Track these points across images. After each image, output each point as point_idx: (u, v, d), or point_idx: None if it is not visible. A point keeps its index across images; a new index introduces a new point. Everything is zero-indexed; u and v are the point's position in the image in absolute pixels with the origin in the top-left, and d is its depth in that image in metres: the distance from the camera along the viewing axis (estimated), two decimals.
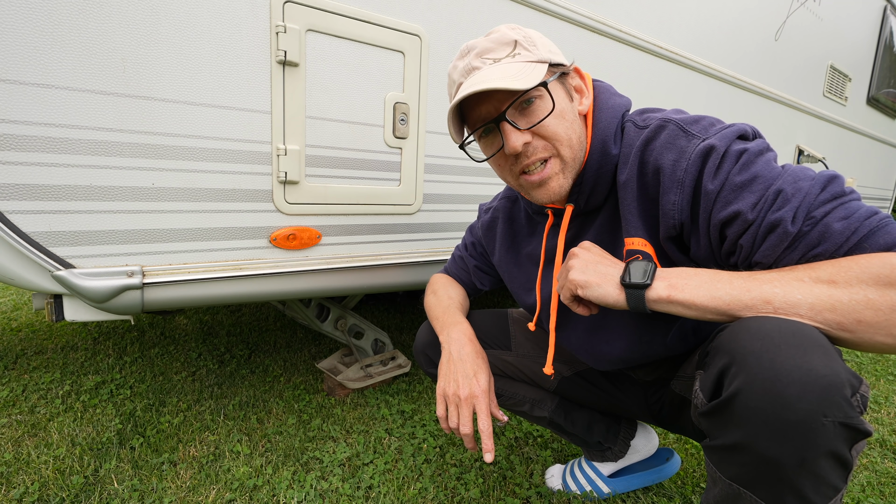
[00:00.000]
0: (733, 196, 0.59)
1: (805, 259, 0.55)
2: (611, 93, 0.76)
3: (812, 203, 0.56)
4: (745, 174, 0.59)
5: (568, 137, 0.69)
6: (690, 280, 0.59)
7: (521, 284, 0.92)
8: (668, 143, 0.65)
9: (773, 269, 0.57)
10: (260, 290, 1.13)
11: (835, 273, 0.52)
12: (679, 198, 0.63)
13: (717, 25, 2.07)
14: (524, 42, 0.69)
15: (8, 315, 2.20)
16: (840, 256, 0.53)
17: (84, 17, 0.86)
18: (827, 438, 0.46)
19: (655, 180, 0.66)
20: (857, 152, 3.37)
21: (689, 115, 0.68)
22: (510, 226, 0.94)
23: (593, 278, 0.65)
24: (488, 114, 0.70)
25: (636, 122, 0.71)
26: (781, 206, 0.56)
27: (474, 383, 0.80)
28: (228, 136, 1.02)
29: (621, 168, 0.70)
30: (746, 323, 0.53)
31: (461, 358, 0.83)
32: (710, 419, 0.55)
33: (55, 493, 1.03)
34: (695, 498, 1.11)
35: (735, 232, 0.59)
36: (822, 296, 0.51)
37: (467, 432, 0.78)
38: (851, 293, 0.50)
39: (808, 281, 0.53)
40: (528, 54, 0.68)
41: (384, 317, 2.35)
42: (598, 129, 0.72)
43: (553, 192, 0.71)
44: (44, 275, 0.92)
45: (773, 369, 0.48)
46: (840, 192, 0.56)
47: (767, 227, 0.57)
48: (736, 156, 0.60)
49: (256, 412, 1.42)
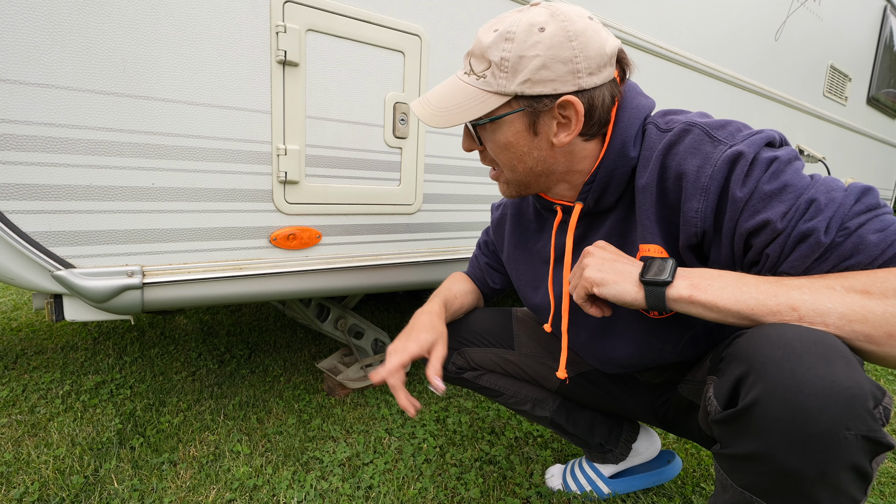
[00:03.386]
0: (762, 205, 0.57)
1: (836, 270, 0.54)
2: (636, 92, 0.73)
3: (846, 214, 0.54)
4: (775, 183, 0.57)
5: (512, 166, 0.73)
6: (714, 281, 0.57)
7: (527, 282, 0.91)
8: (693, 148, 0.62)
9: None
10: (260, 290, 1.13)
11: (869, 284, 0.50)
12: (703, 205, 0.60)
13: (717, 25, 2.07)
14: (504, 66, 0.65)
15: (8, 315, 2.20)
16: (874, 269, 0.52)
17: (84, 17, 0.86)
18: (849, 452, 0.45)
19: (677, 186, 0.64)
20: (857, 152, 3.37)
21: (714, 119, 0.65)
22: (518, 221, 0.93)
23: (610, 276, 0.63)
24: None
25: (658, 125, 0.69)
26: (814, 216, 0.54)
27: (414, 335, 0.82)
28: (228, 135, 1.02)
29: (640, 171, 0.68)
30: (766, 330, 0.52)
31: (413, 322, 0.86)
32: (724, 427, 0.53)
33: (55, 493, 1.03)
34: (695, 498, 1.11)
35: (762, 241, 0.57)
36: (855, 306, 0.50)
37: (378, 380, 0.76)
38: (886, 305, 0.48)
39: (840, 289, 0.51)
40: (493, 82, 0.66)
41: (384, 317, 2.35)
42: (619, 128, 0.69)
43: (503, 193, 0.79)
44: (44, 275, 0.92)
45: (794, 379, 0.46)
46: (875, 205, 0.55)
47: (798, 236, 0.55)
48: (766, 163, 0.58)
49: (256, 412, 1.42)
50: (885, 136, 3.65)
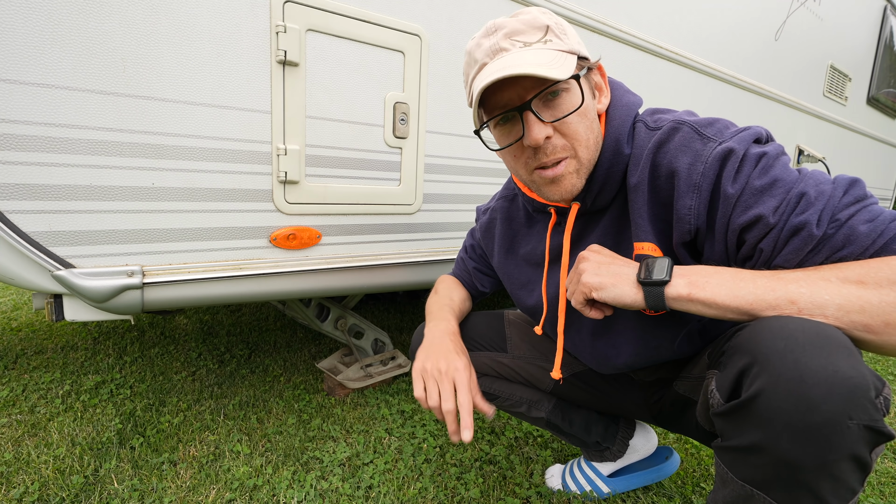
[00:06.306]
0: (754, 200, 0.58)
1: (829, 261, 0.55)
2: (624, 90, 0.74)
3: (836, 206, 0.55)
4: (765, 178, 0.58)
5: (587, 138, 0.67)
6: (711, 278, 0.57)
7: (521, 285, 0.91)
8: (683, 145, 0.63)
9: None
10: (260, 289, 1.13)
11: (864, 274, 0.51)
12: (696, 202, 0.61)
13: (718, 25, 2.07)
14: (556, 29, 0.66)
15: (8, 315, 2.20)
16: (866, 259, 0.53)
17: (84, 17, 0.86)
18: (850, 441, 0.45)
19: (669, 184, 0.64)
20: (857, 152, 3.37)
21: (701, 117, 0.66)
22: (508, 226, 0.93)
23: (608, 279, 0.63)
24: (511, 101, 0.66)
25: (647, 123, 0.69)
26: (805, 210, 0.55)
27: (453, 358, 0.77)
28: (228, 135, 1.02)
29: (632, 170, 0.68)
30: (768, 322, 0.52)
31: (441, 341, 0.82)
32: (726, 419, 0.54)
33: (55, 493, 1.03)
34: (695, 498, 1.11)
35: (755, 236, 0.58)
36: (851, 297, 0.50)
37: (450, 407, 0.72)
38: (882, 294, 0.49)
39: (836, 281, 0.52)
40: (559, 42, 0.65)
41: (384, 317, 2.35)
42: (612, 126, 0.70)
43: (565, 190, 0.69)
44: (44, 274, 0.92)
45: (797, 370, 0.47)
46: (863, 196, 0.56)
47: (791, 230, 0.55)
48: (755, 159, 0.59)
49: (256, 412, 1.42)
50: (885, 136, 3.65)
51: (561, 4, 1.48)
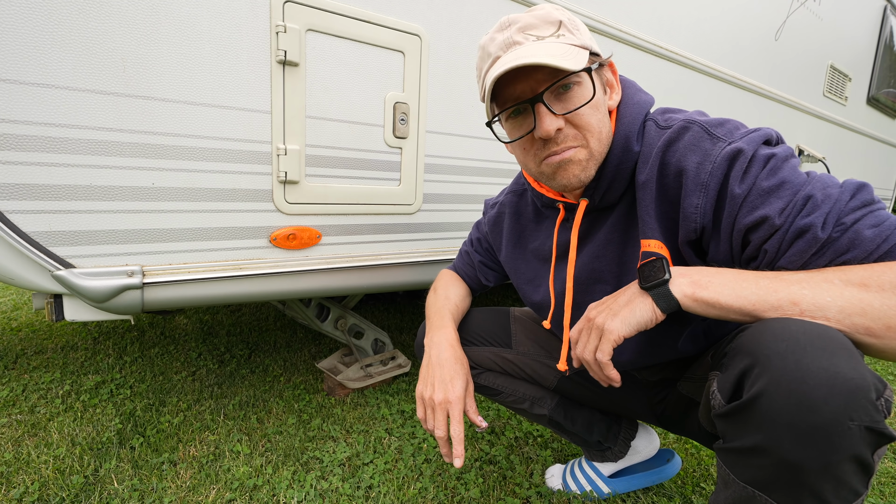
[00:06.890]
0: (760, 201, 0.58)
1: (833, 265, 0.55)
2: (636, 88, 0.74)
3: (842, 210, 0.55)
4: (772, 179, 0.58)
5: (598, 130, 0.68)
6: (714, 278, 0.58)
7: (528, 280, 0.91)
8: (693, 144, 0.63)
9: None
10: (260, 289, 1.13)
11: (867, 277, 0.51)
12: (702, 201, 0.61)
13: (717, 25, 2.07)
14: (569, 24, 0.67)
15: (8, 315, 2.20)
16: (870, 263, 0.53)
17: (84, 17, 0.86)
18: (852, 442, 0.45)
19: (677, 182, 0.64)
20: (857, 152, 3.37)
21: (712, 117, 0.66)
22: (517, 220, 0.93)
23: (622, 310, 0.62)
24: (523, 93, 0.66)
25: (658, 122, 0.70)
26: (811, 212, 0.55)
27: (449, 388, 0.80)
28: (228, 135, 1.02)
29: (640, 167, 0.69)
30: (769, 324, 0.52)
31: (440, 363, 0.83)
32: (728, 421, 0.54)
33: (55, 493, 1.03)
34: (695, 498, 1.11)
35: (760, 237, 0.58)
36: (853, 299, 0.50)
37: (441, 435, 0.78)
38: (884, 298, 0.49)
39: (839, 283, 0.52)
40: (571, 37, 0.66)
41: (384, 317, 2.35)
42: (623, 123, 0.70)
43: (573, 176, 0.69)
44: (44, 274, 0.92)
45: (798, 371, 0.47)
46: (869, 200, 0.56)
47: (796, 232, 0.56)
48: (763, 160, 0.59)
49: (256, 412, 1.42)
50: (885, 136, 3.65)
51: (561, 4, 1.48)
